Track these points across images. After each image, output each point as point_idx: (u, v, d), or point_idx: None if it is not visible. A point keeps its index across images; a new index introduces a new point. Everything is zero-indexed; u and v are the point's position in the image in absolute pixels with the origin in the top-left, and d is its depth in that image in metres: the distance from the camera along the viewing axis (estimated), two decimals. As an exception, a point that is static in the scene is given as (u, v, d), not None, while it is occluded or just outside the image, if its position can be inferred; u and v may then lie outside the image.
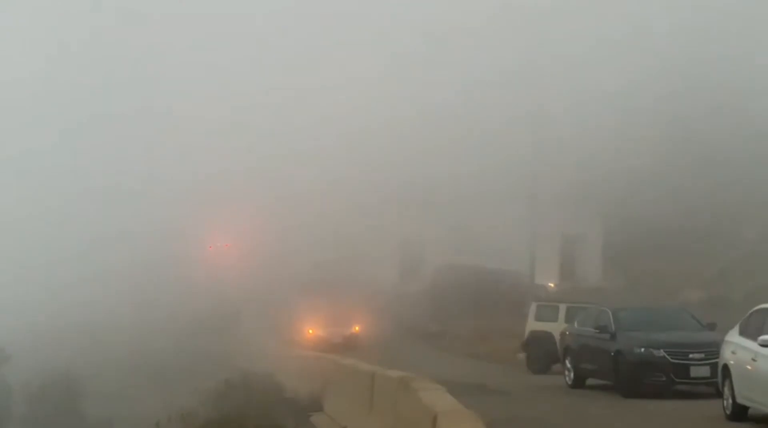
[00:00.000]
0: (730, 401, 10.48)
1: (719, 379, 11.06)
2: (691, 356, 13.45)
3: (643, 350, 13.71)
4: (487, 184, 25.22)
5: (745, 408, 10.17)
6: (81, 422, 16.80)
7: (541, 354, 18.85)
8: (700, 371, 13.30)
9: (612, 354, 14.18)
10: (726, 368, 10.69)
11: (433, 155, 31.07)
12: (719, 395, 11.03)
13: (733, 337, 10.82)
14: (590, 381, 15.36)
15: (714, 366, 11.76)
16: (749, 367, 9.93)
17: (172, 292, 25.40)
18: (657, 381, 13.54)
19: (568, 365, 15.89)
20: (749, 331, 10.27)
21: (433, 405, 6.81)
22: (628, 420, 11.39)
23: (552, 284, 22.92)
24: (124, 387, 17.73)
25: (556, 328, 18.17)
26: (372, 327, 23.04)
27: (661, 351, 13.59)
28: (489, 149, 28.94)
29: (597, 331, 14.82)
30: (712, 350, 12.24)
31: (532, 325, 19.94)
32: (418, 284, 24.12)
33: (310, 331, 23.09)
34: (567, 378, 15.82)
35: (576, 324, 16.68)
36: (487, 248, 23.37)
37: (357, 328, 23.60)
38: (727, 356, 10.76)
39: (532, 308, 20.66)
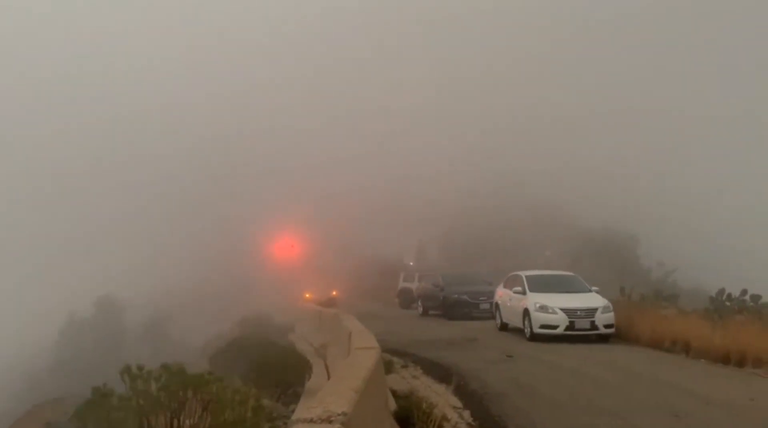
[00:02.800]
0: (499, 320, 18.60)
1: (494, 310, 19.37)
2: (480, 298, 22.73)
3: (456, 295, 23.93)
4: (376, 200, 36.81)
5: (506, 324, 18.17)
6: (168, 341, 24.61)
7: (406, 299, 29.91)
8: (485, 306, 22.16)
9: (441, 298, 24.54)
10: (497, 304, 18.92)
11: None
12: (494, 318, 19.26)
13: (500, 288, 18.94)
14: (431, 313, 25.38)
15: (491, 304, 20.13)
16: (507, 304, 17.92)
17: (231, 266, 32.59)
18: (464, 311, 22.90)
19: (419, 304, 26.55)
20: (508, 285, 18.20)
21: (348, 327, 12.25)
22: (448, 327, 20.55)
23: (411, 263, 34.43)
24: (192, 323, 25.50)
25: (413, 285, 29.22)
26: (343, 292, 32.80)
27: (465, 296, 23.54)
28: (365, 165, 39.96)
29: (434, 286, 25.35)
30: (491, 295, 20.67)
31: (401, 284, 31.44)
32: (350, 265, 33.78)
33: (307, 295, 31.91)
34: (419, 311, 26.44)
35: (423, 282, 27.42)
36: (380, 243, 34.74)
37: (335, 293, 32.84)
38: (498, 298, 18.95)
39: (401, 275, 32.88)
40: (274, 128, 46.51)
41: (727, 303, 19.18)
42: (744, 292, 19.25)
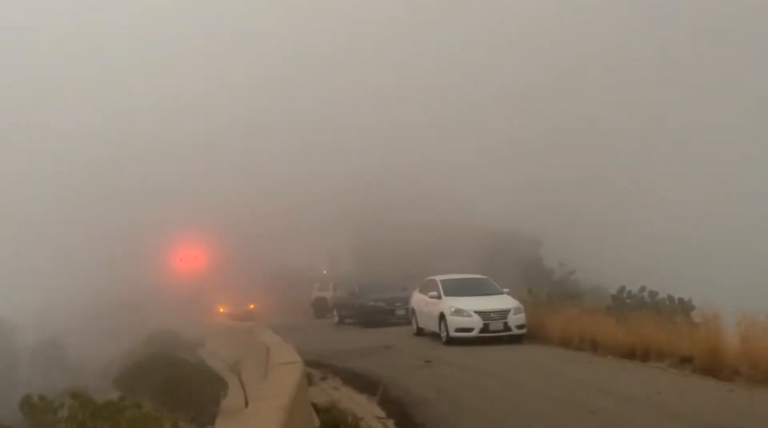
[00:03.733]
0: (415, 326, 18.50)
1: (410, 316, 19.19)
2: (396, 304, 22.67)
3: (372, 302, 23.90)
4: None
5: (422, 329, 18.06)
6: (64, 363, 22.61)
7: (321, 308, 29.47)
8: (400, 312, 22.06)
9: (357, 305, 24.43)
10: (413, 310, 18.81)
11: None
12: (410, 324, 19.08)
13: (416, 294, 18.82)
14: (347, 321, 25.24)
15: (407, 309, 20.01)
16: (423, 309, 17.84)
17: (132, 280, 30.10)
18: (380, 318, 22.82)
19: (335, 313, 26.30)
20: (423, 290, 18.14)
21: (265, 340, 12.05)
22: (365, 335, 20.52)
23: (325, 272, 33.91)
24: (90, 341, 23.55)
25: (328, 294, 28.91)
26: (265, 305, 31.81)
27: (381, 302, 23.53)
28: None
29: (350, 294, 25.19)
30: (406, 300, 20.57)
31: (315, 293, 31.03)
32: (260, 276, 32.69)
33: (221, 309, 30.54)
34: (334, 320, 26.15)
35: (338, 291, 27.18)
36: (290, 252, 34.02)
37: (252, 306, 31.84)
38: (413, 303, 18.84)
39: (315, 284, 32.73)
40: (183, 133, 44.85)
41: (628, 300, 20.22)
42: (642, 289, 20.38)
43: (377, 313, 23.25)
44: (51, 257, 36.73)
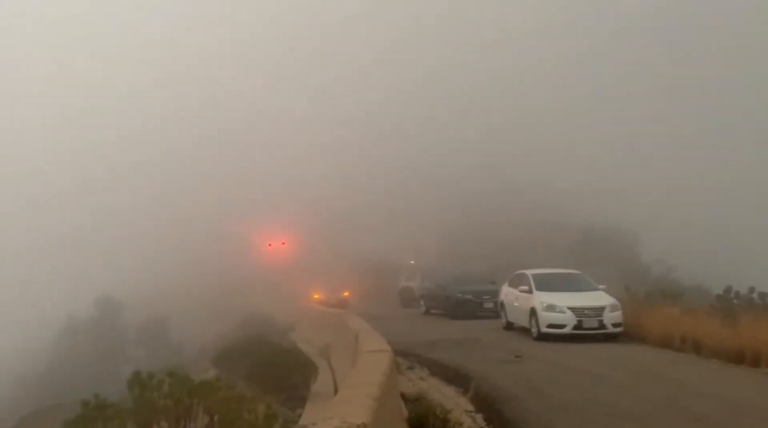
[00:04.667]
0: (505, 320, 18.20)
1: (499, 309, 18.93)
2: (484, 297, 22.43)
3: (460, 294, 23.71)
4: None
5: (512, 324, 17.83)
6: (166, 342, 24.33)
7: (407, 298, 29.60)
8: (489, 305, 21.80)
9: (444, 297, 24.28)
10: (502, 303, 18.53)
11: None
12: (499, 317, 18.86)
13: (505, 287, 18.56)
14: (433, 312, 25.03)
15: (496, 303, 19.73)
16: (513, 303, 17.56)
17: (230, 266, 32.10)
18: (467, 310, 22.55)
19: (422, 303, 26.27)
20: (513, 284, 17.87)
21: (354, 327, 12.04)
22: (452, 327, 20.26)
23: (412, 262, 34.02)
24: (193, 324, 25.17)
25: (415, 284, 28.96)
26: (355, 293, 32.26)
27: (469, 294, 23.31)
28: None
29: (437, 285, 25.08)
30: (495, 293, 20.45)
31: (402, 283, 31.12)
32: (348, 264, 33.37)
33: (316, 296, 30.72)
34: (421, 310, 26.14)
35: (425, 282, 27.17)
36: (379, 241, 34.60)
37: (347, 293, 31.97)
38: (503, 297, 18.56)
39: (403, 274, 32.75)
40: (266, 123, 46.18)
41: (735, 301, 18.92)
42: (752, 290, 18.95)
43: (465, 305, 22.94)
44: (155, 241, 38.77)
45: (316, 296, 31.01)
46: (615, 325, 15.45)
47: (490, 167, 40.72)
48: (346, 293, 32.09)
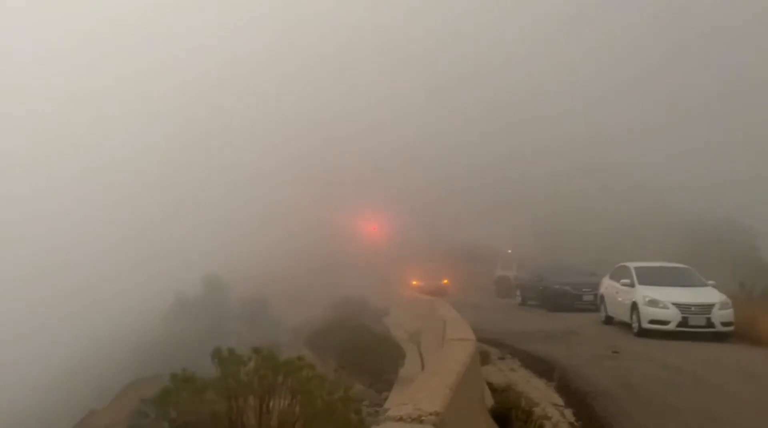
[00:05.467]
0: (604, 314, 17.56)
1: (598, 302, 18.28)
2: (584, 289, 21.72)
3: (557, 286, 23.03)
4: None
5: (611, 318, 17.17)
6: (265, 320, 25.88)
7: (503, 288, 29.19)
8: (588, 298, 21.18)
9: (542, 288, 23.68)
10: (602, 296, 17.90)
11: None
12: (598, 311, 18.21)
13: (606, 280, 17.92)
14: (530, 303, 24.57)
15: (595, 296, 19.03)
16: (614, 296, 16.88)
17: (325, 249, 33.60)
18: (565, 302, 21.99)
19: (518, 293, 25.79)
20: (614, 277, 17.22)
21: (443, 315, 12.04)
22: (548, 318, 19.82)
23: (510, 251, 33.42)
24: (291, 304, 26.54)
25: (511, 273, 28.47)
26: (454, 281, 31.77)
27: (567, 286, 22.66)
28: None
29: (535, 275, 24.50)
30: (595, 286, 19.63)
31: (499, 272, 30.69)
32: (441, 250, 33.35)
33: (414, 282, 30.38)
34: (517, 300, 25.68)
35: (522, 271, 26.65)
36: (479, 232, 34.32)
37: (446, 281, 31.33)
38: (603, 290, 17.90)
39: (498, 263, 32.20)
40: (363, 106, 46.63)
41: None
42: None
43: (563, 297, 22.33)
44: (255, 220, 40.27)
45: (414, 283, 30.43)
46: (725, 324, 14.50)
47: (596, 159, 39.22)
48: (446, 281, 31.29)
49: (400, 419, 4.22)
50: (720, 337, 14.35)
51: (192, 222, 41.73)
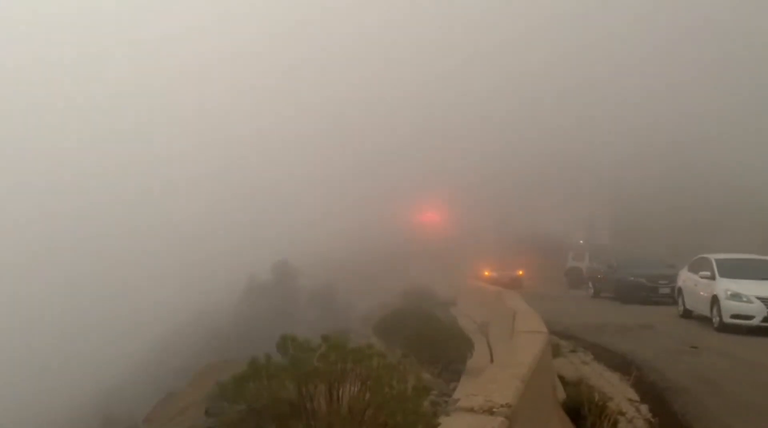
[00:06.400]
0: (682, 307, 17.01)
1: (676, 295, 17.72)
2: (660, 281, 21.10)
3: (632, 278, 22.32)
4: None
5: (690, 311, 16.63)
6: (335, 307, 26.64)
7: (574, 279, 28.56)
8: (665, 290, 20.61)
9: (615, 279, 23.01)
10: (680, 289, 17.35)
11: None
12: (675, 304, 17.67)
13: (684, 272, 17.36)
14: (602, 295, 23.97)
15: (673, 288, 18.62)
16: (693, 289, 16.33)
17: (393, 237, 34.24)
18: (641, 295, 21.32)
19: (590, 285, 25.17)
20: (693, 269, 16.67)
21: (512, 306, 12.13)
22: (622, 311, 19.29)
23: (581, 241, 32.69)
24: (359, 291, 27.19)
25: (583, 264, 27.82)
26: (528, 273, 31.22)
27: (642, 278, 22.02)
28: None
29: (608, 266, 23.83)
30: (672, 278, 19.17)
31: (570, 263, 30.13)
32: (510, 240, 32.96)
33: (486, 273, 29.87)
34: (589, 292, 25.07)
35: (594, 262, 25.97)
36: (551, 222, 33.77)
37: (521, 272, 30.56)
38: (681, 282, 17.36)
39: (570, 253, 31.67)
40: (432, 95, 46.37)
41: None
42: None
43: (638, 289, 21.64)
44: (329, 216, 40.89)
45: (486, 274, 29.70)
46: (813, 320, 13.65)
47: (674, 137, 37.64)
48: (520, 272, 30.42)
49: (471, 410, 4.20)
50: (808, 334, 13.56)
51: (263, 210, 42.79)
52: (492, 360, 11.13)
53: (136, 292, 40.63)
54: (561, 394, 7.77)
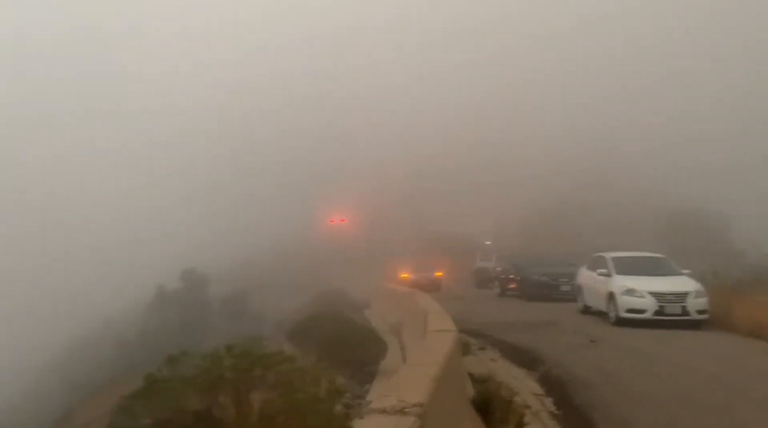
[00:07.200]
0: (582, 304, 17.75)
1: (576, 292, 18.50)
2: (561, 279, 21.98)
3: (536, 277, 23.29)
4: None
5: (589, 307, 17.33)
6: (246, 314, 25.70)
7: (482, 279, 29.39)
8: (566, 288, 21.38)
9: (520, 278, 23.91)
10: (580, 286, 18.14)
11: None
12: (576, 300, 18.46)
13: (583, 270, 18.15)
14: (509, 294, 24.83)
15: (573, 286, 19.41)
16: (591, 286, 17.06)
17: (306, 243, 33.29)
18: (544, 292, 22.24)
19: (497, 284, 26.01)
20: (592, 267, 17.43)
21: (424, 306, 12.21)
22: (527, 309, 20.11)
23: (488, 242, 33.67)
24: (271, 297, 26.38)
25: (490, 265, 28.67)
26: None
27: (545, 277, 22.97)
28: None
29: (513, 266, 24.72)
30: (572, 276, 19.94)
31: (478, 263, 30.85)
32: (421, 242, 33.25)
33: (404, 275, 29.01)
34: (496, 291, 25.91)
35: (501, 262, 26.84)
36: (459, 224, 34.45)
37: (440, 273, 30.05)
38: (580, 280, 18.17)
39: (478, 254, 32.49)
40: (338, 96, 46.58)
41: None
42: None
43: (541, 287, 22.59)
44: (239, 221, 40.10)
45: (404, 276, 29.13)
46: (700, 312, 14.76)
47: (573, 150, 39.64)
48: (439, 273, 30.10)
49: (384, 411, 4.23)
50: (695, 325, 14.59)
51: (171, 218, 41.43)
52: (405, 360, 11.30)
53: (35, 305, 38.34)
54: (470, 391, 7.98)
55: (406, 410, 4.25)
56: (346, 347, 12.74)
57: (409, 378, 5.16)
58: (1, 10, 61.33)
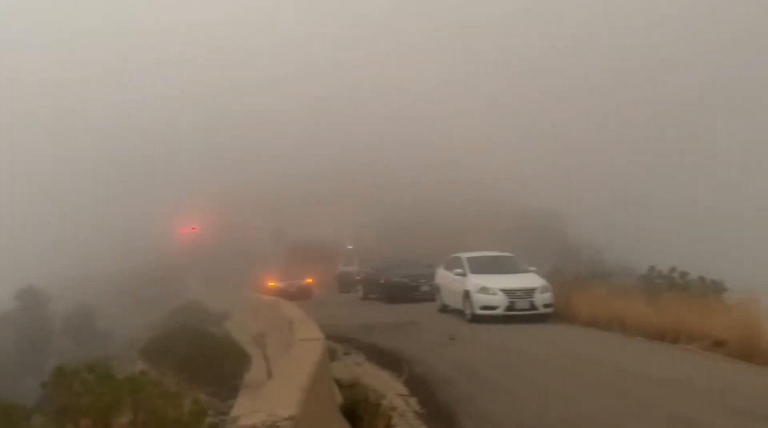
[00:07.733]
0: (440, 303, 18.57)
1: (435, 292, 19.27)
2: (421, 280, 22.66)
3: (396, 278, 23.85)
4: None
5: (446, 306, 18.10)
6: (93, 332, 23.19)
7: (345, 283, 29.56)
8: (425, 288, 22.05)
9: (381, 281, 24.38)
10: (438, 286, 18.90)
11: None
12: (434, 300, 19.22)
13: (441, 270, 18.88)
14: (371, 296, 25.20)
15: (432, 286, 20.12)
16: (448, 286, 17.81)
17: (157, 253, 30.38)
18: (404, 294, 22.79)
19: (360, 288, 26.33)
20: (448, 267, 18.15)
21: (288, 314, 12.13)
22: (389, 310, 20.50)
23: (350, 247, 33.95)
24: (120, 313, 24.06)
25: (353, 269, 28.96)
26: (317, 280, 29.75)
27: (406, 279, 23.62)
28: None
29: (374, 269, 25.17)
30: (431, 277, 20.66)
31: (340, 268, 31.05)
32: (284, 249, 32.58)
33: (271, 284, 27.44)
34: (359, 295, 26.20)
35: (363, 266, 27.22)
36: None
37: (310, 280, 28.71)
38: (438, 280, 18.91)
39: (340, 259, 32.75)
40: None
41: (658, 281, 19.67)
42: (672, 269, 19.76)
43: (402, 289, 23.15)
44: (79, 234, 37.32)
45: (271, 285, 27.86)
46: (545, 306, 15.88)
47: (428, 156, 41.22)
48: (309, 280, 29.04)
49: (254, 427, 4.14)
50: (542, 318, 15.70)
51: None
52: (269, 372, 11.10)
53: None
54: (338, 398, 8.02)
55: (278, 424, 4.19)
56: (207, 362, 12.29)
57: (279, 390, 5.10)
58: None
